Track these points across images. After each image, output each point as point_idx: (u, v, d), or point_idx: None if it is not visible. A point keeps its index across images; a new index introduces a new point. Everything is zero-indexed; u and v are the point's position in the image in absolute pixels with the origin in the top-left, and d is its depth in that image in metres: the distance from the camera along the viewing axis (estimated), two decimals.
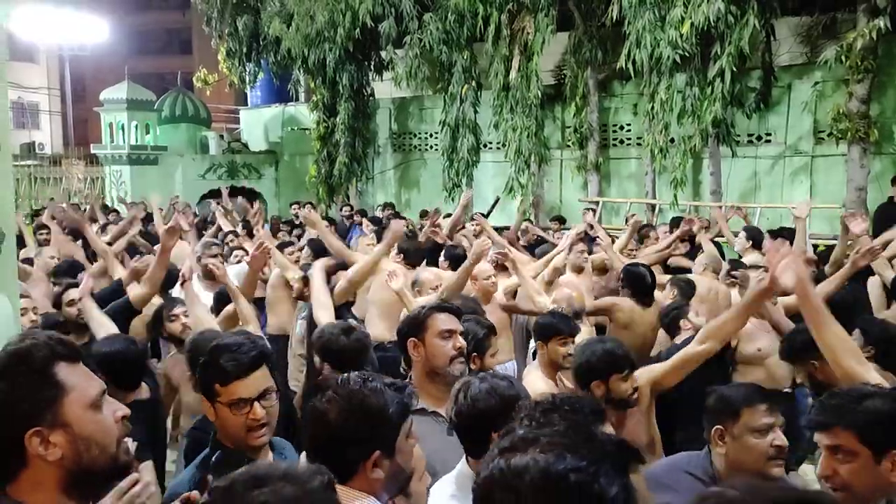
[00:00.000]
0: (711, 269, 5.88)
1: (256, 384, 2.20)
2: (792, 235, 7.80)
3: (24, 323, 3.79)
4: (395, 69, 13.84)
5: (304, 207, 12.87)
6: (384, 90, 15.62)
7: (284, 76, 16.26)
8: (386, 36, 13.56)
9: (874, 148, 10.31)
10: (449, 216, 10.30)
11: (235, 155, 17.53)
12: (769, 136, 11.69)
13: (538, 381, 3.54)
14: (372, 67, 15.14)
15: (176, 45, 36.40)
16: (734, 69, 10.00)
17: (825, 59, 9.82)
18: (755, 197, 11.54)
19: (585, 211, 10.67)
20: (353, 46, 14.09)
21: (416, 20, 13.11)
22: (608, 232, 10.13)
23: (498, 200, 12.98)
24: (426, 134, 15.60)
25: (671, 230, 8.62)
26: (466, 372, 2.78)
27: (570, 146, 13.26)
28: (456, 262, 5.81)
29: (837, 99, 10.41)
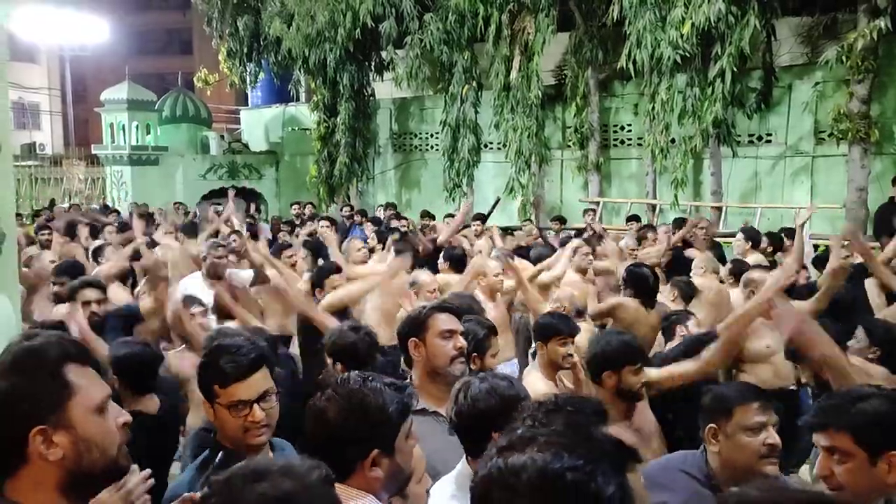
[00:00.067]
0: (710, 270, 5.86)
1: (256, 386, 2.19)
2: (793, 234, 7.84)
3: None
4: (395, 69, 13.85)
5: (304, 207, 12.95)
6: (385, 90, 15.62)
7: (285, 76, 16.26)
8: (386, 36, 13.57)
9: (875, 148, 10.31)
10: (450, 216, 10.31)
11: (236, 155, 17.54)
12: (770, 136, 11.69)
13: (538, 381, 3.52)
14: (372, 67, 15.16)
15: (176, 45, 36.41)
16: (735, 69, 10.01)
17: (826, 59, 9.82)
18: (756, 197, 11.53)
19: (587, 212, 10.68)
20: (353, 47, 14.10)
21: (416, 20, 13.12)
22: (608, 230, 10.18)
23: (499, 201, 12.98)
24: (427, 134, 15.60)
25: (674, 231, 8.63)
26: (467, 372, 2.78)
27: (570, 146, 13.26)
28: (455, 262, 5.78)
29: (838, 99, 10.41)
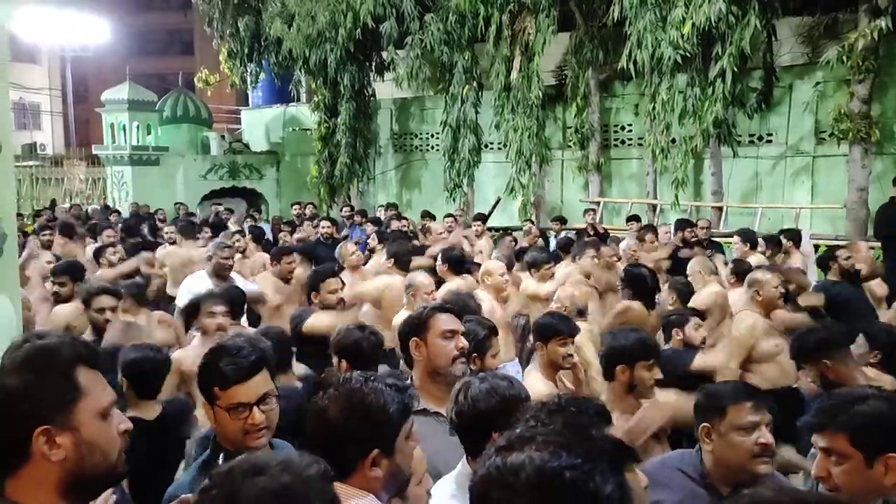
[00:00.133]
0: (708, 272, 5.82)
1: (256, 389, 2.19)
2: (792, 235, 7.85)
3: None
4: (396, 70, 13.86)
5: (305, 208, 12.95)
6: (385, 91, 15.63)
7: (286, 77, 16.26)
8: (387, 36, 13.57)
9: (875, 148, 10.30)
10: (449, 216, 10.32)
11: (237, 155, 17.54)
12: (770, 136, 11.69)
13: (538, 382, 3.53)
14: (373, 68, 15.15)
15: (177, 45, 36.44)
16: (735, 69, 10.00)
17: (826, 59, 9.81)
18: (756, 197, 11.53)
19: (587, 212, 10.67)
20: (354, 47, 14.10)
21: (417, 21, 13.12)
22: (609, 230, 10.18)
23: (499, 201, 12.99)
24: (427, 134, 15.60)
25: (676, 232, 8.64)
26: (468, 372, 2.79)
27: (571, 146, 13.27)
28: (454, 264, 5.75)
29: (839, 99, 10.40)
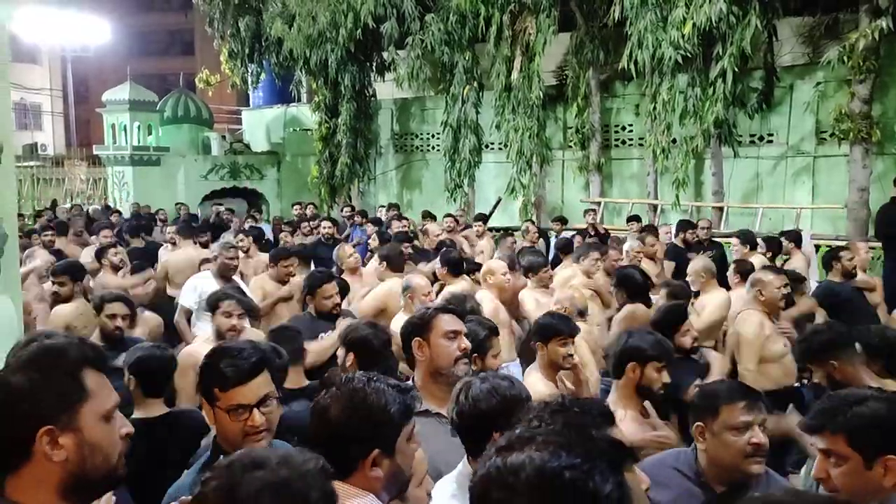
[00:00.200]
0: (710, 275, 5.80)
1: (256, 390, 2.18)
2: (793, 236, 7.85)
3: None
4: (396, 70, 13.87)
5: (306, 208, 12.95)
6: (386, 91, 15.64)
7: (286, 77, 16.28)
8: (388, 37, 13.57)
9: (876, 148, 10.31)
10: (449, 216, 10.31)
11: (237, 156, 17.55)
12: (771, 136, 11.69)
13: (538, 382, 3.53)
14: (374, 68, 15.16)
15: (178, 46, 36.46)
16: (736, 69, 10.00)
17: (827, 59, 9.81)
18: (757, 197, 11.54)
19: (588, 213, 10.67)
20: (354, 47, 14.11)
21: (417, 21, 13.12)
22: (609, 231, 10.19)
23: (500, 201, 12.99)
24: (428, 134, 15.61)
25: (677, 233, 8.63)
26: (470, 373, 2.79)
27: (571, 147, 13.27)
28: (453, 266, 5.74)
29: (839, 99, 10.41)
